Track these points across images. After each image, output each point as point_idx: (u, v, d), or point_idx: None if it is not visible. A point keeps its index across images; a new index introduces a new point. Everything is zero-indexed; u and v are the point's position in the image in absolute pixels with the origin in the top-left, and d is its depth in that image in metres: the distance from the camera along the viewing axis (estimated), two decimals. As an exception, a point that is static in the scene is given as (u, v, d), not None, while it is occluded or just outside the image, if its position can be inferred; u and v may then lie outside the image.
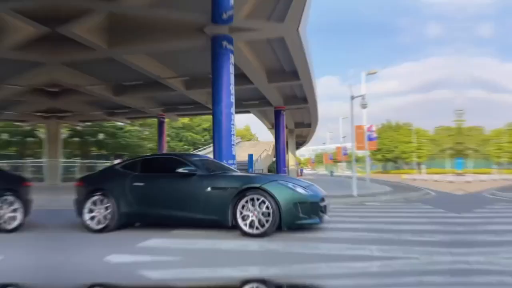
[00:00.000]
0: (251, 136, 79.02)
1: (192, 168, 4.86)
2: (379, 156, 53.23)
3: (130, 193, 4.96)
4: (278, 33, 11.87)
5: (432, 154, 50.14)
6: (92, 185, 5.30)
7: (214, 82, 10.90)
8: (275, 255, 3.53)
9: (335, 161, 62.22)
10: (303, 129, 39.58)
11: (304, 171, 77.55)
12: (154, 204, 4.89)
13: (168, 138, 44.41)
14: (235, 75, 11.39)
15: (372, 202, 9.47)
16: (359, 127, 23.57)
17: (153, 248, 3.94)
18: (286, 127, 34.11)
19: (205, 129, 53.70)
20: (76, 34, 10.73)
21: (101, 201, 4.99)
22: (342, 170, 43.50)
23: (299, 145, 53.61)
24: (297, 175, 40.87)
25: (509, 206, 7.97)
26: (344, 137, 40.89)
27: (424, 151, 48.82)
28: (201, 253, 3.67)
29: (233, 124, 10.78)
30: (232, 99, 10.90)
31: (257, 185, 4.46)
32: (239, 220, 4.40)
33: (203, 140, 53.59)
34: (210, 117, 13.30)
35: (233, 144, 10.74)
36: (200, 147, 49.12)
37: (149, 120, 39.34)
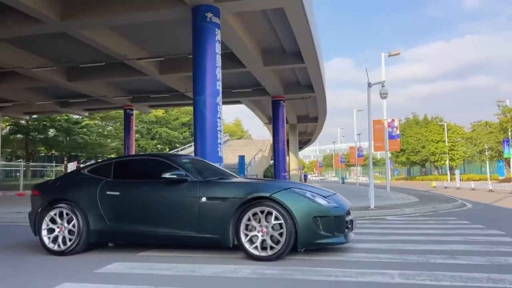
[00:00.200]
0: (242, 133, 79.23)
1: (182, 172, 4.79)
2: (402, 159, 53.75)
3: (102, 205, 4.93)
4: (276, 2, 11.87)
5: (468, 156, 50.77)
6: (51, 194, 5.23)
7: (195, 64, 10.88)
8: (270, 284, 3.52)
9: (348, 164, 62.62)
10: (308, 125, 39.77)
11: (309, 177, 78.07)
12: (133, 219, 4.84)
13: (137, 135, 44.31)
14: (223, 56, 11.40)
15: (394, 215, 9.53)
16: (378, 122, 23.80)
17: (116, 274, 3.91)
18: (287, 122, 34.24)
19: (184, 124, 53.67)
20: (20, 2, 10.61)
21: (64, 215, 4.97)
22: (356, 175, 43.73)
23: (302, 144, 53.94)
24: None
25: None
26: (359, 134, 41.12)
27: (459, 152, 49.33)
28: (176, 281, 3.64)
29: (219, 118, 10.77)
30: (219, 86, 10.89)
31: (267, 194, 4.38)
32: (243, 239, 4.37)
33: (181, 137, 53.54)
34: (191, 108, 13.32)
35: (220, 143, 10.73)
36: (178, 147, 49.03)
37: (113, 113, 39.17)
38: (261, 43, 16.93)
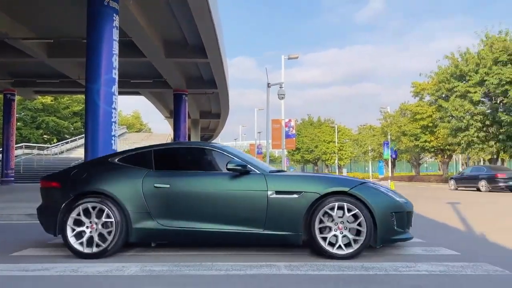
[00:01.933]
0: (141, 126, 76.15)
1: (244, 163, 4.40)
2: (298, 157, 56.85)
3: (148, 200, 4.35)
4: (179, -7, 11.60)
5: (354, 156, 55.77)
6: (78, 186, 4.50)
7: (90, 50, 10.12)
8: (159, 281, 3.44)
9: (248, 161, 64.14)
10: (211, 121, 39.84)
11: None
12: (187, 215, 4.33)
13: (19, 124, 39.79)
14: (122, 44, 10.79)
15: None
16: (276, 121, 24.83)
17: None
18: (189, 117, 33.83)
19: (75, 114, 49.71)
20: None
21: (96, 211, 4.30)
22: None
23: (205, 140, 53.93)
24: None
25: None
26: (259, 132, 42.59)
27: (347, 152, 53.86)
28: (49, 282, 3.35)
29: (114, 109, 10.19)
30: (115, 74, 10.29)
31: (346, 189, 4.22)
32: (318, 236, 4.13)
33: (72, 128, 49.51)
34: (84, 97, 12.36)
35: (114, 136, 10.16)
36: (67, 138, 45.22)
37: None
38: (164, 34, 16.45)
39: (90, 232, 4.25)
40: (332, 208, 4.14)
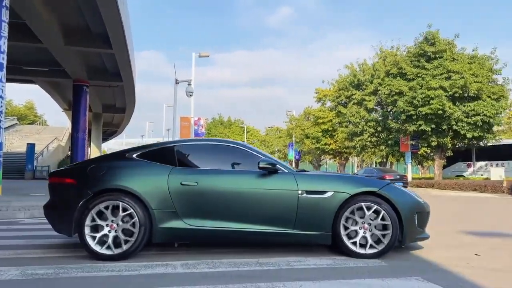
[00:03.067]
0: (35, 117, 69.57)
1: (274, 162, 4.33)
2: (206, 156, 56.69)
3: (175, 198, 4.14)
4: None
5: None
6: (96, 183, 4.14)
7: (-30, 28, 8.96)
8: (40, 285, 3.19)
9: (154, 159, 62.33)
10: (115, 115, 37.88)
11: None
12: (216, 215, 4.17)
13: None
14: (11, 25, 9.73)
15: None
16: (186, 119, 24.54)
17: None
18: (90, 110, 31.78)
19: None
20: None
21: (117, 209, 4.01)
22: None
23: (108, 135, 51.08)
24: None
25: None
26: (168, 130, 41.59)
27: (254, 152, 55.22)
28: None
29: (1, 97, 9.18)
30: (3, 59, 9.28)
31: (375, 189, 4.25)
32: (344, 236, 4.15)
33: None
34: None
35: (0, 127, 9.15)
36: None
37: None
38: (64, 20, 15.23)
39: (110, 232, 3.99)
40: (360, 208, 4.21)
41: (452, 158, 27.30)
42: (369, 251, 4.15)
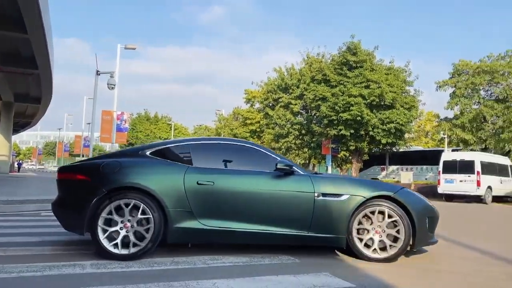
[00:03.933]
0: None
1: (290, 163, 4.33)
2: (131, 152, 54.62)
3: (191, 198, 4.04)
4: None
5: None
6: (110, 180, 4.00)
7: None
8: None
9: (73, 154, 58.54)
10: (28, 105, 34.88)
11: (25, 165, 68.61)
12: (233, 215, 4.12)
13: None
14: None
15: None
16: (108, 113, 23.40)
17: None
18: (0, 99, 28.89)
19: None
20: None
21: (132, 208, 3.89)
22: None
23: (20, 127, 47.02)
24: (12, 171, 35.43)
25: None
26: (89, 123, 39.27)
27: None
28: None
29: None
30: None
31: (390, 193, 4.27)
32: (356, 239, 4.18)
33: None
34: None
35: None
36: None
37: None
38: (-30, -4, 13.68)
39: (125, 231, 3.87)
40: (373, 212, 4.23)
41: (368, 162, 29.18)
42: (382, 254, 4.19)
